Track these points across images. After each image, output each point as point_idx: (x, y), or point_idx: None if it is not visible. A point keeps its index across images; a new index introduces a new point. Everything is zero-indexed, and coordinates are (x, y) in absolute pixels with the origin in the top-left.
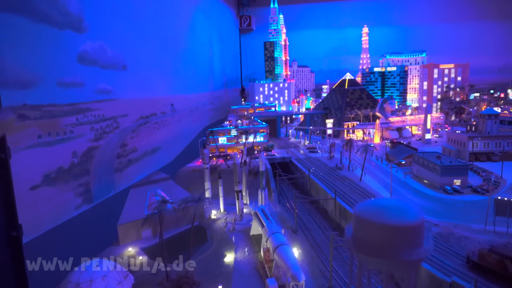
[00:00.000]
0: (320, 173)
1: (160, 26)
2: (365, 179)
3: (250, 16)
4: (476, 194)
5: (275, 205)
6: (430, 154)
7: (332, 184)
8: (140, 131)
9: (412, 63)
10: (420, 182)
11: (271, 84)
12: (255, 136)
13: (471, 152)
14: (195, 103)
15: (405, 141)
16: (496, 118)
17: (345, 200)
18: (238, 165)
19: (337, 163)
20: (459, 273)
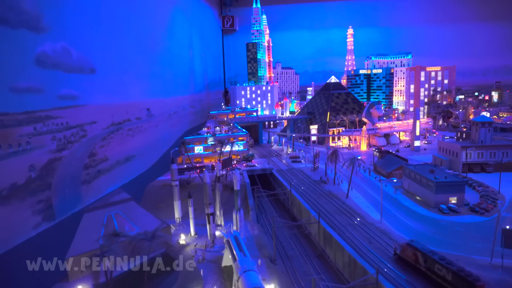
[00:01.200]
0: (303, 187)
1: (134, 26)
2: (352, 196)
3: (233, 17)
4: (474, 214)
5: (253, 226)
6: (422, 167)
7: (315, 202)
8: (112, 139)
9: (397, 64)
10: (412, 199)
11: (253, 87)
12: (232, 146)
13: (464, 162)
14: (174, 107)
15: (393, 148)
16: (490, 126)
17: (330, 223)
18: (209, 184)
19: (321, 176)
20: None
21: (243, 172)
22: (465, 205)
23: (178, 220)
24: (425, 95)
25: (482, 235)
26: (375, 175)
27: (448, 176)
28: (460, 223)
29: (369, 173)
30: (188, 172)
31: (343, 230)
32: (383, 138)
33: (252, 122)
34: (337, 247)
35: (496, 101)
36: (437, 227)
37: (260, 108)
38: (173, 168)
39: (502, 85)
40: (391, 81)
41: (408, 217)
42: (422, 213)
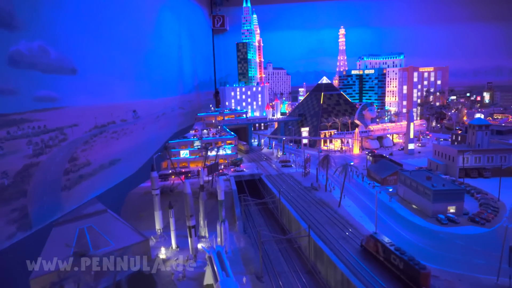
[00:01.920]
0: (292, 194)
1: (120, 25)
2: (344, 204)
3: (224, 16)
4: (475, 224)
5: (239, 238)
6: (418, 173)
7: (306, 212)
8: (95, 142)
9: (389, 65)
10: (408, 208)
11: (244, 87)
12: (218, 150)
13: (461, 167)
14: (162, 108)
15: (386, 151)
16: (487, 129)
17: (321, 236)
18: (190, 195)
19: (312, 182)
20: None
21: (230, 178)
22: (464, 214)
23: (159, 231)
24: (418, 96)
25: (484, 249)
26: (368, 181)
27: (446, 183)
28: (460, 235)
29: (362, 179)
30: (173, 178)
31: (335, 244)
32: (376, 141)
33: (242, 125)
34: (329, 263)
35: (487, 102)
36: (435, 239)
37: (250, 110)
38: (153, 176)
39: (494, 86)
40: (383, 82)
41: (404, 229)
42: (419, 223)
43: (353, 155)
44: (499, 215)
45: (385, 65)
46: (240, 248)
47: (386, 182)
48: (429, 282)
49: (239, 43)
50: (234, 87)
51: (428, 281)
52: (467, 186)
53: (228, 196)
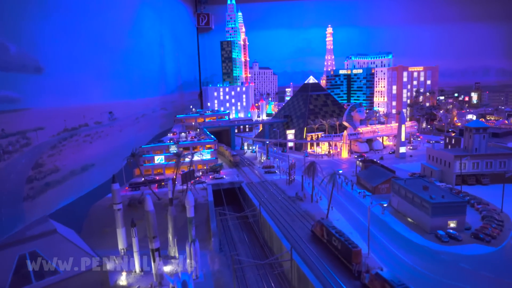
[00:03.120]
0: (275, 206)
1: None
2: (332, 217)
3: (209, 14)
4: (479, 242)
5: (213, 259)
6: (413, 182)
7: (289, 228)
8: (64, 146)
9: (378, 65)
10: (402, 221)
11: (227, 88)
12: (193, 156)
13: (458, 174)
14: (142, 109)
15: (376, 155)
16: (485, 132)
17: (305, 259)
18: (152, 212)
19: (297, 191)
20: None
21: (207, 187)
22: (465, 229)
23: (123, 252)
24: (407, 97)
25: (494, 275)
26: (358, 189)
27: (446, 194)
28: (464, 257)
29: (352, 187)
30: (144, 186)
31: (321, 268)
32: (365, 144)
33: (224, 127)
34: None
35: (475, 102)
36: (437, 262)
37: (234, 111)
38: (114, 188)
39: (481, 86)
40: (372, 82)
41: (400, 248)
42: (417, 241)
43: (341, 159)
44: (504, 230)
45: (373, 65)
46: (214, 271)
47: (378, 191)
48: (360, 258)
49: (223, 42)
50: (217, 87)
51: (358, 258)
52: (466, 195)
53: (203, 208)
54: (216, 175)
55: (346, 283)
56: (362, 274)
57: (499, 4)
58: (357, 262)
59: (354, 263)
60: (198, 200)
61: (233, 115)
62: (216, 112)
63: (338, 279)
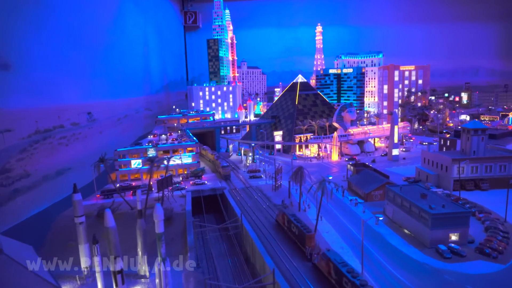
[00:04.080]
0: (259, 216)
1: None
2: (321, 229)
3: (196, 12)
4: (485, 258)
5: (188, 278)
6: (410, 189)
7: (273, 242)
8: (36, 149)
9: (368, 64)
10: (398, 233)
11: (213, 87)
12: (169, 161)
13: (456, 179)
14: (124, 109)
15: (368, 158)
16: (483, 134)
17: (291, 281)
18: (114, 230)
19: (284, 199)
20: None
21: (186, 194)
22: (469, 242)
23: (86, 271)
24: (399, 97)
25: None
26: (349, 195)
27: (446, 203)
28: (470, 276)
29: (343, 193)
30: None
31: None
32: (356, 146)
33: (208, 128)
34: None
35: (466, 102)
36: (440, 283)
37: (221, 111)
38: (76, 199)
39: (471, 86)
40: (362, 81)
41: (398, 266)
42: (416, 257)
43: (331, 162)
44: (511, 243)
45: (363, 64)
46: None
47: (371, 197)
48: (312, 242)
49: (210, 40)
50: (203, 86)
51: (312, 241)
52: (466, 202)
53: (180, 218)
54: (197, 180)
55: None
56: (312, 255)
57: (489, 4)
58: (310, 246)
59: (307, 246)
60: (175, 210)
61: (219, 115)
62: (200, 113)
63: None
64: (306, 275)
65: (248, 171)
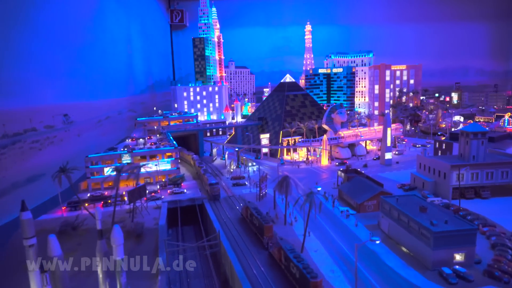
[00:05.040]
0: (240, 230)
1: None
2: (309, 247)
3: (182, 11)
4: (495, 282)
5: None
6: (407, 200)
7: (254, 264)
8: (4, 155)
9: (358, 64)
10: (396, 251)
11: (198, 87)
12: (139, 171)
13: (455, 186)
14: (105, 111)
15: (359, 162)
16: (483, 138)
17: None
18: (60, 258)
19: (268, 211)
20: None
21: (162, 205)
22: (475, 263)
23: None
24: (390, 97)
25: None
26: (340, 206)
27: (449, 218)
28: None
29: (333, 203)
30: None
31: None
32: (347, 149)
33: (191, 131)
34: None
35: (456, 102)
36: None
37: (206, 113)
38: (24, 218)
39: (461, 86)
40: (352, 81)
41: None
42: (418, 282)
43: (321, 167)
44: None
45: (353, 64)
46: None
47: (364, 208)
48: (270, 233)
49: (195, 38)
50: (187, 86)
51: (269, 232)
52: (467, 213)
53: (152, 235)
54: (175, 189)
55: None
56: (268, 244)
57: (479, 4)
58: (268, 236)
59: (265, 236)
60: (146, 225)
61: (205, 117)
62: (182, 115)
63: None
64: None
65: (231, 177)
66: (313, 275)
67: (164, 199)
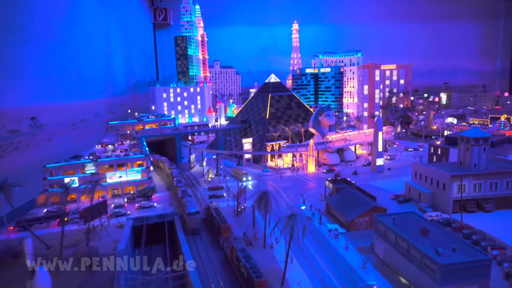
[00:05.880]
0: (212, 256)
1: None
2: (291, 278)
3: (166, 9)
4: None
5: None
6: (405, 219)
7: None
8: None
9: (346, 63)
10: (393, 282)
11: (179, 88)
12: (94, 188)
13: (456, 199)
14: (81, 113)
15: (349, 169)
16: (485, 144)
17: None
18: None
19: (246, 231)
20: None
21: (126, 223)
22: None
23: None
24: (380, 98)
25: None
26: (328, 223)
27: (457, 243)
28: None
29: (320, 219)
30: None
31: None
32: (335, 154)
33: (168, 135)
34: None
35: (445, 102)
36: None
37: (187, 115)
38: None
39: (449, 86)
40: (340, 82)
41: None
42: None
43: (307, 174)
44: None
45: (341, 64)
46: None
47: (355, 226)
48: (227, 233)
49: (177, 37)
50: (167, 87)
51: (226, 232)
52: (472, 232)
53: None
54: (144, 202)
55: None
56: (224, 244)
57: (467, 4)
58: (225, 236)
59: (222, 236)
60: (101, 251)
61: (186, 119)
62: (159, 118)
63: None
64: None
65: (208, 188)
66: (258, 274)
67: (130, 215)
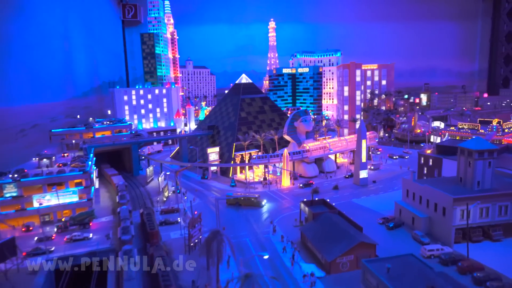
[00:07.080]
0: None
1: None
2: None
3: (136, 5)
4: None
5: None
6: (402, 266)
7: None
8: None
9: (325, 63)
10: None
11: (142, 90)
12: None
13: (459, 227)
14: (32, 118)
15: (328, 182)
16: (491, 157)
17: None
18: None
19: (195, 279)
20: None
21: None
22: None
23: None
24: (361, 99)
25: None
26: (303, 262)
27: None
28: None
29: (293, 257)
30: None
31: None
32: (314, 165)
33: (122, 144)
34: None
35: (425, 104)
36: None
37: (152, 119)
38: None
39: (429, 87)
40: (319, 82)
41: None
42: None
43: (281, 189)
44: None
45: (320, 64)
46: None
47: (336, 267)
48: (156, 238)
49: (144, 34)
50: (128, 89)
51: (155, 237)
52: (487, 276)
53: None
54: (76, 233)
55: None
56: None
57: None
58: (152, 242)
59: (149, 243)
60: None
61: (150, 124)
62: (113, 124)
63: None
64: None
65: (161, 211)
66: (167, 283)
67: (53, 252)
